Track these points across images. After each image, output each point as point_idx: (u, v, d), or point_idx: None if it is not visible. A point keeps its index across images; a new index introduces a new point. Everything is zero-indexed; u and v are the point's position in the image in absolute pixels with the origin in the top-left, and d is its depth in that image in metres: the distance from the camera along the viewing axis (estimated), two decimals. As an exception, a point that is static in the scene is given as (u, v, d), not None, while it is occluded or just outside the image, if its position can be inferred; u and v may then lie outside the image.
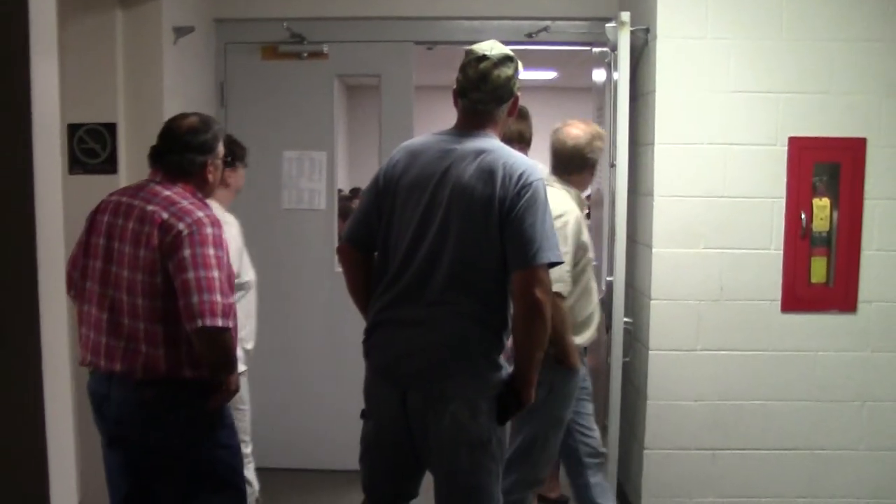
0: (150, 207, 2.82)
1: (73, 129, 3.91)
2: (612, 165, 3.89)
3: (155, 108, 3.99)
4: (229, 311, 2.77)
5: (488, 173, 2.67)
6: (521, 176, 2.66)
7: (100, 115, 3.91)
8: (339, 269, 3.18)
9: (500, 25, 4.76)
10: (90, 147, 3.91)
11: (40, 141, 1.86)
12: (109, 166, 3.93)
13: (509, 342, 2.78)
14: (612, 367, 3.89)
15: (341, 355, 4.71)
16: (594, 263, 4.45)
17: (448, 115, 2.90)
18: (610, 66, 3.96)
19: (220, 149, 3.03)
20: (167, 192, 2.87)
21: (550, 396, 3.36)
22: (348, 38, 4.81)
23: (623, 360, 3.93)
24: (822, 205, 3.87)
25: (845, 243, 3.87)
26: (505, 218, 2.64)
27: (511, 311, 2.73)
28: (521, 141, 3.82)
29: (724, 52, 3.83)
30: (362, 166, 3.94)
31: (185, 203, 2.83)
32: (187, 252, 2.73)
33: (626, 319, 3.93)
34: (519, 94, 2.85)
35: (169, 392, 2.82)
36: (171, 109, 4.04)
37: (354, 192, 8.85)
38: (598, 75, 4.58)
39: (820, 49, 3.83)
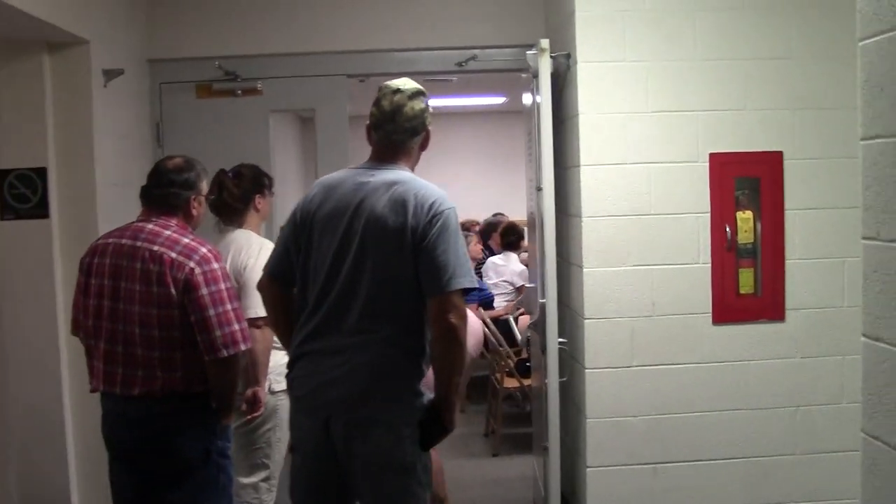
0: (155, 248, 3.10)
1: (2, 175, 3.92)
2: (539, 189, 3.96)
3: (85, 151, 4.02)
4: (246, 335, 3.16)
5: (400, 204, 2.75)
6: (432, 205, 2.74)
7: (30, 160, 3.93)
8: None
9: (431, 56, 4.86)
10: (21, 192, 3.93)
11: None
12: (41, 210, 3.95)
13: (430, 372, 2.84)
14: (549, 387, 3.95)
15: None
16: (531, 285, 4.53)
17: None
18: (534, 91, 4.05)
19: (204, 186, 3.33)
20: (167, 232, 3.15)
21: None
22: (281, 73, 4.88)
23: (560, 380, 3.99)
24: (745, 217, 3.97)
25: (770, 253, 3.98)
26: (417, 246, 2.72)
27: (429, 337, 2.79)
28: None
29: (643, 73, 3.93)
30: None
31: (187, 241, 3.13)
32: (204, 291, 3.06)
33: (560, 339, 3.99)
34: (430, 128, 2.94)
35: (184, 405, 3.14)
36: (102, 152, 4.10)
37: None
38: (528, 100, 4.67)
39: (734, 67, 3.95)
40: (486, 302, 7.42)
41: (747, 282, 4.00)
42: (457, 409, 2.85)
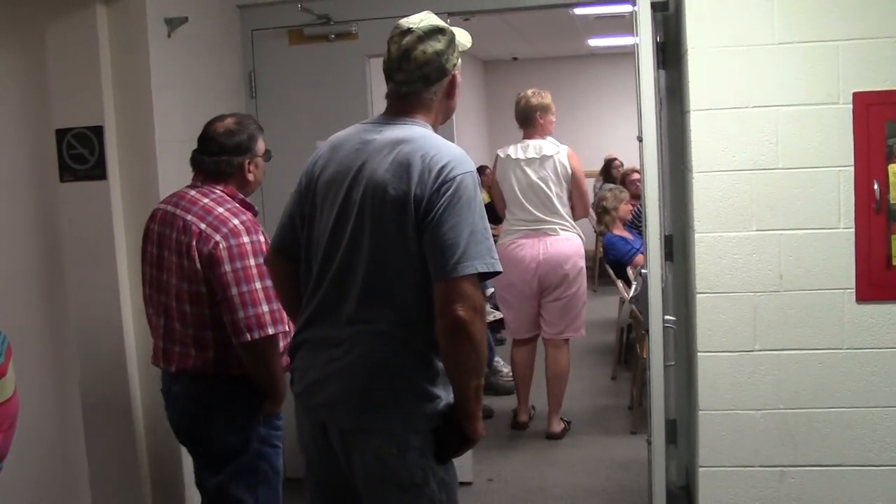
0: (188, 217, 2.94)
1: (60, 135, 3.71)
2: (640, 139, 3.35)
3: (143, 108, 3.73)
4: (277, 317, 2.88)
5: (404, 167, 2.29)
6: (442, 169, 2.26)
7: (87, 118, 3.69)
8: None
9: (541, -13, 4.28)
10: (79, 153, 3.71)
11: None
12: (99, 171, 3.70)
13: None
14: (653, 373, 3.36)
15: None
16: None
17: (493, 87, 2.57)
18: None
19: (260, 146, 3.11)
20: (205, 200, 2.98)
21: None
22: (377, 14, 4.41)
23: (667, 364, 3.39)
24: (900, 171, 3.21)
25: (933, 216, 3.19)
26: (423, 220, 2.25)
27: None
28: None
29: (768, -5, 3.22)
30: (502, 140, 4.15)
31: (221, 211, 2.94)
32: (227, 267, 2.84)
33: (667, 317, 3.39)
34: (457, 72, 2.44)
35: (219, 387, 3.00)
36: (165, 107, 3.81)
37: (481, 169, 8.53)
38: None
39: (888, -19, 3.15)
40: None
41: (903, 251, 3.24)
42: (479, 416, 2.36)
